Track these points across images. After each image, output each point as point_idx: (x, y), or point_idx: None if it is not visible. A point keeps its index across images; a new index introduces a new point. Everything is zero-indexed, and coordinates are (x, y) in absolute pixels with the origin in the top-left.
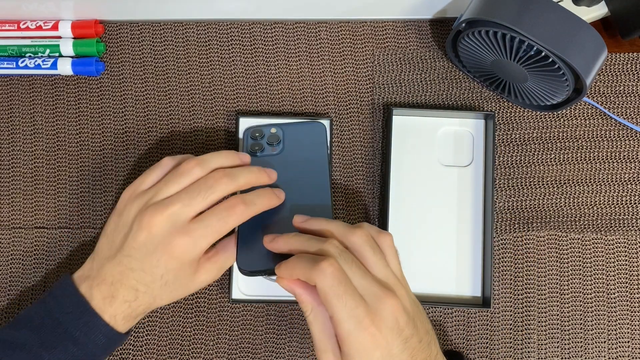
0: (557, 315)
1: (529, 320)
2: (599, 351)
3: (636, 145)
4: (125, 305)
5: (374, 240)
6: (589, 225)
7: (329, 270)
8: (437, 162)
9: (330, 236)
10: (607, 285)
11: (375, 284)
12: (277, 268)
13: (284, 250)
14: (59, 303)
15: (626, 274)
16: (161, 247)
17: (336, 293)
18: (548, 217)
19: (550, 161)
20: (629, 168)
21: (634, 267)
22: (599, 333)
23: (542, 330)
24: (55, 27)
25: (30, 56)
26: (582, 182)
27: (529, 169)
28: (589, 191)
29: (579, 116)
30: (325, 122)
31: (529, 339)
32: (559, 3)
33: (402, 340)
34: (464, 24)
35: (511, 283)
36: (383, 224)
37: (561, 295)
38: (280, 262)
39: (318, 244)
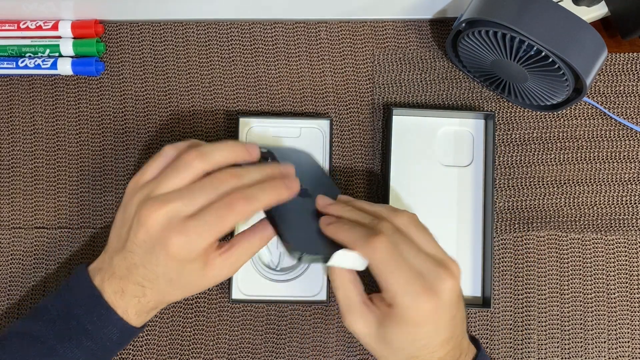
0: (557, 315)
1: (529, 320)
2: (599, 351)
3: (636, 145)
4: (135, 300)
5: (419, 221)
6: (589, 225)
7: (381, 246)
8: (437, 162)
9: (379, 217)
10: (607, 285)
11: (431, 260)
12: (326, 227)
13: (337, 214)
14: (74, 295)
15: (626, 274)
16: (159, 246)
17: (390, 269)
18: (548, 217)
19: (550, 161)
20: (629, 168)
21: (634, 267)
22: (599, 333)
23: (542, 330)
24: (55, 27)
25: (30, 56)
26: (582, 182)
27: (529, 169)
28: (589, 191)
29: (579, 116)
30: (325, 122)
31: (529, 339)
32: (559, 3)
33: (451, 317)
34: (464, 24)
35: (511, 283)
36: None
37: (561, 295)
38: (330, 221)
39: (372, 220)
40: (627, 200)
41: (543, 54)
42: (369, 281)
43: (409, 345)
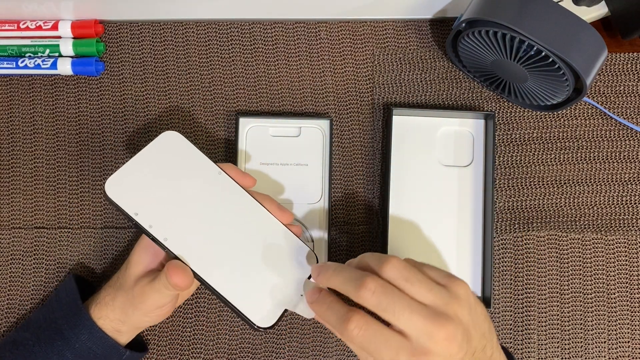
0: (557, 315)
1: (529, 320)
2: (599, 351)
3: (636, 145)
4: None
5: (408, 266)
6: (589, 225)
7: (355, 332)
8: (437, 162)
9: (368, 270)
10: (607, 285)
11: (423, 318)
12: (311, 305)
13: (325, 285)
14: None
15: (626, 274)
16: None
17: (370, 351)
18: (548, 217)
19: (550, 161)
20: (629, 168)
21: (634, 267)
22: (599, 333)
23: (542, 330)
24: (55, 27)
25: (30, 56)
26: (582, 182)
27: (529, 169)
28: (589, 191)
29: (579, 116)
30: (325, 122)
31: (529, 339)
32: (559, 3)
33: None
34: (464, 24)
35: (511, 283)
36: (383, 224)
37: (561, 295)
38: (314, 299)
39: (354, 291)
40: (627, 200)
41: (543, 54)
42: None
43: None
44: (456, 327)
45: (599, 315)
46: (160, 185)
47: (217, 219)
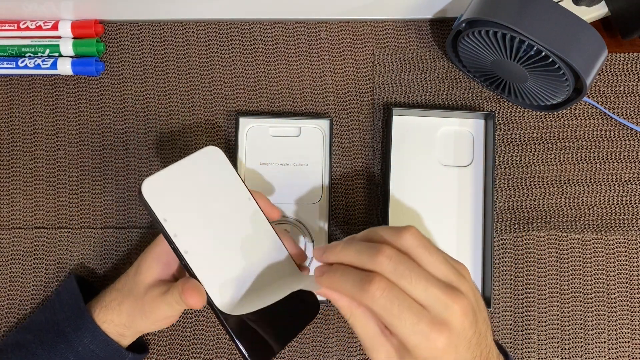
0: (557, 315)
1: (529, 320)
2: (599, 351)
3: (636, 145)
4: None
5: (425, 237)
6: (589, 225)
7: (378, 293)
8: (437, 162)
9: (381, 241)
10: (607, 285)
11: (438, 289)
12: (319, 279)
13: (334, 261)
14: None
15: (626, 274)
16: None
17: (392, 314)
18: (548, 217)
19: (550, 161)
20: (629, 168)
21: (634, 267)
22: (599, 333)
23: (542, 330)
24: (55, 27)
25: (30, 56)
26: (582, 182)
27: (529, 169)
28: (589, 191)
29: (579, 116)
30: (325, 122)
31: (529, 339)
32: (559, 3)
33: (467, 341)
34: (464, 24)
35: (511, 283)
36: (383, 224)
37: (561, 295)
38: (323, 270)
39: (370, 259)
40: (627, 200)
41: (543, 54)
42: None
43: None
44: (469, 303)
45: (599, 315)
46: (192, 197)
47: (236, 244)
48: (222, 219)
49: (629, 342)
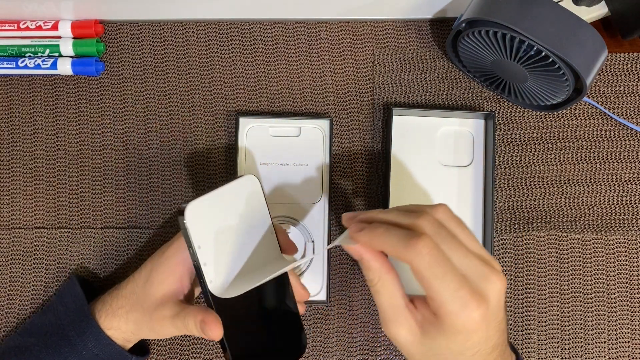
0: (557, 315)
1: (529, 320)
2: (599, 351)
3: (636, 145)
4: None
5: (454, 214)
6: (589, 225)
7: (425, 250)
8: (437, 162)
9: (418, 210)
10: (607, 285)
11: (479, 261)
12: (357, 234)
13: (367, 217)
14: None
15: (626, 274)
16: None
17: (436, 274)
18: (548, 217)
19: (550, 161)
20: (629, 168)
21: (634, 267)
22: (599, 333)
23: (542, 330)
24: (55, 27)
25: (30, 56)
26: (582, 182)
27: (529, 169)
28: (589, 191)
29: (579, 116)
30: (325, 122)
31: (529, 339)
32: (559, 3)
33: (498, 322)
34: (464, 24)
35: (511, 283)
36: None
37: (561, 295)
38: (362, 227)
39: (414, 219)
40: (627, 200)
41: (543, 54)
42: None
43: (457, 356)
44: (505, 283)
45: (599, 315)
46: (225, 227)
47: (252, 278)
48: (246, 250)
49: (629, 342)
